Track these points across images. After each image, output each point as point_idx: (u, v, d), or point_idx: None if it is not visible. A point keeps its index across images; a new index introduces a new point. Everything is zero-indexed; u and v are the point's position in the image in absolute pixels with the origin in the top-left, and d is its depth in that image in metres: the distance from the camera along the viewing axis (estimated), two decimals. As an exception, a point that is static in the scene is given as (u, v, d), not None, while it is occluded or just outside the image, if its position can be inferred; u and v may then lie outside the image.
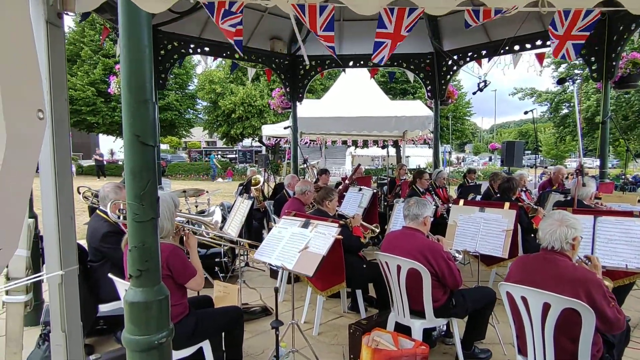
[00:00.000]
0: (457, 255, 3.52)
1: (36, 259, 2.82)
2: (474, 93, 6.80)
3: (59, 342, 1.84)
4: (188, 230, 3.18)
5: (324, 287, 3.90)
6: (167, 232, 2.83)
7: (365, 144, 27.33)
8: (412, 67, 8.43)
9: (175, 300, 2.63)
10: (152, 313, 1.97)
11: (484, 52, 7.61)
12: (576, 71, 25.17)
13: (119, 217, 3.11)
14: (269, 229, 6.58)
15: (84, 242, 3.69)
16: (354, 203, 6.17)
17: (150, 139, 1.96)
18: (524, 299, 2.47)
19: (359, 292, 4.37)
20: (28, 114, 0.99)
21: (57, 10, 1.76)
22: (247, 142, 37.92)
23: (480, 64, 7.68)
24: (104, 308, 3.50)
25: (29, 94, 0.99)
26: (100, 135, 31.21)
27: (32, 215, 3.56)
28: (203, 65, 30.48)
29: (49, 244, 1.82)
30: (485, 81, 6.45)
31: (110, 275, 2.85)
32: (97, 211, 3.79)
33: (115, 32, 6.30)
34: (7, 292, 2.23)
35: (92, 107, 26.29)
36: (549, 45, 6.45)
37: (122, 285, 2.68)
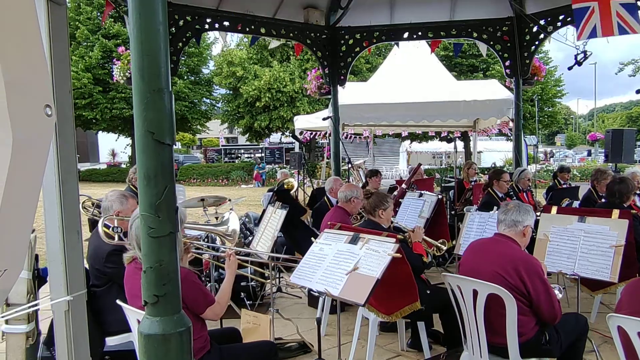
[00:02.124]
0: (557, 293, 3.43)
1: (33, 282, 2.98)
2: (570, 68, 6.59)
3: (64, 380, 1.95)
4: (231, 250, 3.29)
5: (390, 311, 3.86)
6: (178, 251, 2.92)
7: (425, 137, 27.12)
8: (484, 36, 8.29)
9: (193, 333, 2.71)
10: (172, 348, 2.04)
11: (580, 15, 7.38)
12: None
13: (113, 238, 3.19)
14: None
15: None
16: (414, 212, 6.13)
17: (167, 136, 2.04)
18: (643, 336, 2.38)
19: (421, 325, 4.33)
20: (35, 110, 1.06)
21: (60, -15, 1.88)
22: (275, 137, 38.41)
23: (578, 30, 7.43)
24: (112, 342, 3.64)
25: (36, 86, 1.06)
26: (100, 133, 32.38)
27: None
28: (221, 42, 31.18)
29: (53, 265, 1.93)
30: (585, 52, 6.23)
31: (118, 301, 2.97)
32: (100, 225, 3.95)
33: (118, 8, 6.57)
34: (6, 321, 2.37)
35: (88, 99, 27.33)
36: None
37: (133, 314, 2.79)
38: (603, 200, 5.77)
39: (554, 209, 4.50)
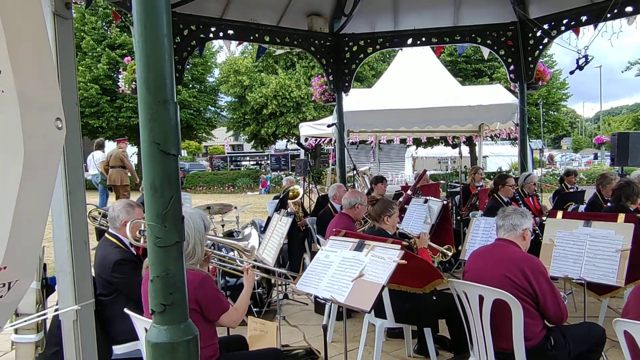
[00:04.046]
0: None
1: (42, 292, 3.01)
2: (572, 72, 6.61)
3: (73, 389, 1.97)
4: (248, 264, 3.42)
5: (422, 284, 3.96)
6: (198, 258, 2.95)
7: (430, 143, 27.08)
8: (488, 41, 8.31)
9: (204, 341, 2.72)
10: (179, 356, 2.05)
11: (584, 18, 7.37)
12: None
13: (138, 240, 3.27)
14: (312, 253, 6.65)
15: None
16: (419, 219, 6.13)
17: (172, 146, 2.06)
18: (649, 341, 2.38)
19: (427, 331, 4.33)
20: (47, 124, 1.08)
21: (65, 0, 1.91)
22: (280, 144, 38.48)
23: (578, 34, 7.45)
24: (119, 350, 3.66)
25: (48, 100, 1.09)
26: (106, 141, 32.53)
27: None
28: (226, 51, 31.32)
29: (61, 274, 1.95)
30: (586, 56, 6.24)
31: (126, 310, 2.99)
32: (106, 235, 3.97)
33: (124, 19, 6.65)
34: (16, 331, 2.40)
35: (95, 107, 27.57)
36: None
37: (141, 323, 2.81)
38: (609, 204, 5.76)
39: (560, 213, 4.48)
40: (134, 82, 7.15)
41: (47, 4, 1.86)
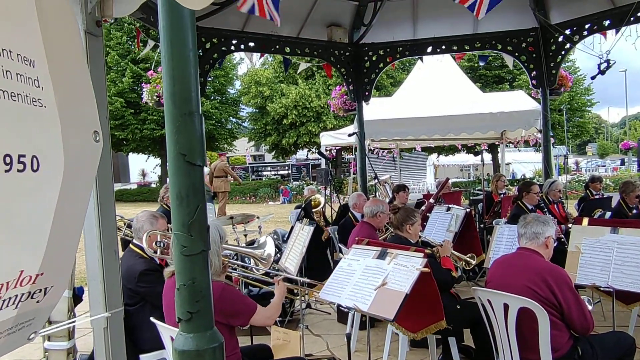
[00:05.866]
0: (588, 306, 3.39)
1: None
2: (593, 78, 6.53)
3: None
4: (279, 278, 3.52)
5: (416, 328, 3.82)
6: (215, 269, 2.99)
7: (452, 150, 26.89)
8: (509, 48, 8.26)
9: (228, 349, 2.76)
10: (205, 364, 2.09)
11: (606, 23, 7.29)
12: None
13: (156, 252, 3.32)
14: (335, 262, 6.66)
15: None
16: (442, 227, 6.10)
17: (198, 157, 2.11)
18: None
19: (452, 340, 4.30)
20: (85, 137, 1.13)
21: (96, 18, 1.98)
22: (301, 154, 38.64)
23: (605, 37, 7.36)
24: (145, 359, 3.71)
25: (85, 114, 1.14)
26: (131, 153, 33.01)
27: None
28: (247, 63, 31.70)
29: (92, 283, 2.01)
30: (607, 61, 6.16)
31: (152, 319, 3.04)
32: (131, 245, 4.05)
33: (146, 34, 6.79)
34: (49, 338, 2.48)
35: (120, 120, 28.11)
36: None
37: (167, 331, 2.86)
38: (634, 212, 5.67)
39: (585, 220, 4.43)
40: (156, 95, 7.29)
41: (79, 22, 1.94)
